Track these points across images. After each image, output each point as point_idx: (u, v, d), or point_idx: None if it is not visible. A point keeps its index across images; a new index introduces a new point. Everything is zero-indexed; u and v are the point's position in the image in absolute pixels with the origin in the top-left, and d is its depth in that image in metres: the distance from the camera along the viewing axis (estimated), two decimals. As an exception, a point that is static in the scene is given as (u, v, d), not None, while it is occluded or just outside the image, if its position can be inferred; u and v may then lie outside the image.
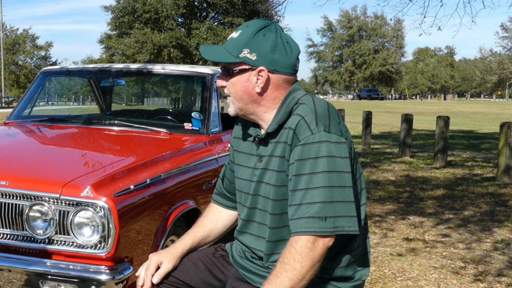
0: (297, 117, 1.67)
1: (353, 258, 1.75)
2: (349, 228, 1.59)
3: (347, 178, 1.61)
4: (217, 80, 1.82)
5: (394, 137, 14.63)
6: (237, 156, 1.91)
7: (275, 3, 34.13)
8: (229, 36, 1.79)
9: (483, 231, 5.00)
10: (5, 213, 2.45)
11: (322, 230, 1.57)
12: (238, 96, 1.76)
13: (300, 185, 1.60)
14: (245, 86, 1.73)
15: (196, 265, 1.93)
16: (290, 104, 1.72)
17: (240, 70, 1.73)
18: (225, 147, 3.72)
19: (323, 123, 1.63)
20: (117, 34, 37.12)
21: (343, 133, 1.65)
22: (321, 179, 1.58)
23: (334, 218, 1.57)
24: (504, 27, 45.53)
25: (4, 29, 52.05)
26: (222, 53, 1.74)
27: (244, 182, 1.84)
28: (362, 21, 77.89)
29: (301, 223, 1.58)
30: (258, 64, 1.71)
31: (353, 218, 1.60)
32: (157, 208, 2.70)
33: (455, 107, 43.14)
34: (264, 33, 1.71)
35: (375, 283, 3.68)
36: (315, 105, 1.68)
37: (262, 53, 1.70)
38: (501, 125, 7.84)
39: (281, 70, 1.73)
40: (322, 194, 1.57)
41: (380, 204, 6.14)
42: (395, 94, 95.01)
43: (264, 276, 1.75)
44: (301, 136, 1.63)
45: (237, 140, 1.94)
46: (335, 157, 1.60)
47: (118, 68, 4.34)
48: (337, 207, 1.58)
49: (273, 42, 1.71)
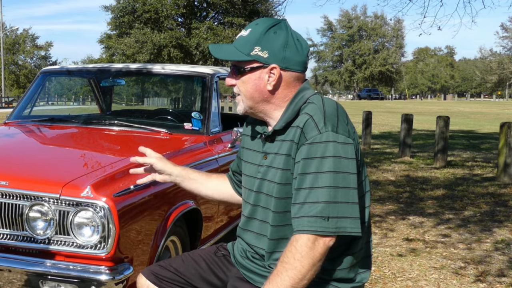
0: (306, 116, 1.67)
1: (355, 260, 1.75)
2: (352, 230, 1.59)
3: (352, 179, 1.60)
4: (226, 78, 1.81)
5: (394, 137, 14.62)
6: (244, 153, 1.91)
7: (275, 3, 34.17)
8: (239, 35, 1.78)
9: (483, 231, 5.00)
10: (5, 213, 2.44)
11: (324, 229, 1.56)
12: (248, 94, 1.75)
13: (305, 184, 1.60)
14: (257, 84, 1.73)
15: (198, 262, 1.94)
16: (299, 103, 1.71)
17: (251, 68, 1.72)
18: (225, 147, 3.72)
19: (331, 123, 1.63)
20: (117, 34, 37.11)
21: (351, 134, 1.65)
22: (326, 179, 1.58)
23: (337, 218, 1.57)
24: (504, 27, 45.55)
25: (4, 29, 52.04)
26: (232, 52, 1.74)
27: (249, 179, 1.84)
28: (362, 21, 77.85)
29: (303, 222, 1.58)
30: (270, 61, 1.70)
31: (356, 220, 1.60)
32: (157, 208, 2.70)
33: (455, 107, 43.14)
34: (275, 30, 1.71)
35: (375, 283, 3.68)
36: (324, 105, 1.68)
37: (273, 51, 1.70)
38: (501, 125, 7.83)
39: (293, 68, 1.73)
40: (326, 194, 1.57)
41: (380, 204, 6.14)
42: (395, 94, 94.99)
43: (265, 276, 1.75)
44: (309, 135, 1.63)
45: (245, 137, 1.94)
46: (342, 157, 1.59)
47: (118, 68, 4.33)
48: (341, 208, 1.58)
49: (284, 40, 1.71)
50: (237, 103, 1.80)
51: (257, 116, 1.81)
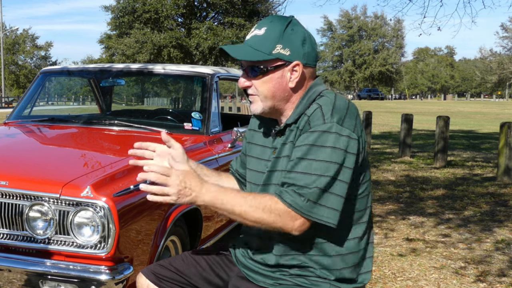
0: (315, 105, 1.68)
1: (358, 260, 1.75)
2: (327, 219, 1.60)
3: (346, 173, 1.60)
4: (240, 80, 1.76)
5: (394, 137, 14.62)
6: (250, 148, 1.90)
7: (275, 3, 34.11)
8: (252, 34, 1.73)
9: (483, 231, 4.99)
10: (5, 213, 2.44)
11: (299, 208, 1.58)
12: (270, 93, 1.72)
13: (298, 168, 1.61)
14: (279, 83, 1.71)
15: (198, 262, 1.93)
16: (312, 97, 1.72)
17: (275, 66, 1.70)
18: (225, 147, 3.72)
19: (339, 115, 1.62)
20: (117, 34, 37.07)
21: (357, 131, 1.64)
22: (320, 167, 1.58)
23: (316, 204, 1.58)
24: (504, 27, 45.49)
25: (4, 29, 52.03)
26: (250, 52, 1.69)
27: (255, 174, 1.83)
28: (362, 21, 77.83)
29: (288, 192, 1.60)
30: (292, 59, 1.69)
31: (336, 212, 1.60)
32: (157, 208, 2.69)
33: (455, 107, 43.14)
34: (292, 27, 1.70)
35: (375, 283, 3.67)
36: (335, 99, 1.69)
37: (294, 48, 1.69)
38: (501, 125, 7.83)
39: (311, 63, 1.74)
40: (317, 181, 1.58)
41: (380, 204, 6.13)
42: (395, 94, 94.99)
43: (268, 275, 1.75)
44: (313, 123, 1.64)
45: (252, 132, 1.93)
46: (341, 149, 1.59)
47: (118, 68, 4.33)
48: (325, 196, 1.59)
49: (302, 36, 1.71)
50: (251, 102, 1.76)
51: (272, 115, 1.79)
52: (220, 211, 1.63)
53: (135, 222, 2.51)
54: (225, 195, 1.62)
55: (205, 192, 1.61)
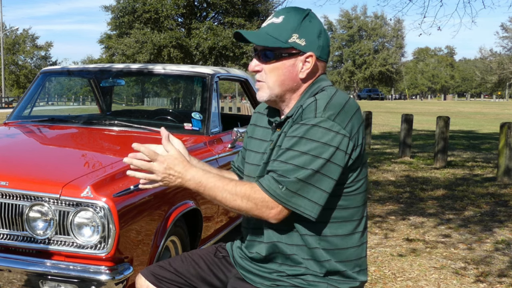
0: (312, 99, 1.68)
1: (349, 258, 1.74)
2: (305, 211, 1.60)
3: (333, 169, 1.60)
4: (251, 63, 1.77)
5: (394, 137, 14.62)
6: (250, 142, 1.91)
7: (275, 3, 34.12)
8: (269, 21, 1.75)
9: (483, 232, 4.99)
10: (5, 214, 2.44)
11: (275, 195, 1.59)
12: (279, 81, 1.73)
13: (282, 157, 1.62)
14: (290, 71, 1.72)
15: (197, 262, 1.93)
16: (315, 91, 1.72)
17: (289, 54, 1.70)
18: (225, 147, 3.72)
19: (332, 111, 1.62)
20: (117, 34, 37.07)
21: (349, 128, 1.63)
22: (304, 159, 1.59)
23: (295, 194, 1.59)
24: (504, 27, 45.47)
25: (4, 29, 52.03)
26: (267, 38, 1.70)
27: (252, 167, 1.83)
28: (362, 21, 77.84)
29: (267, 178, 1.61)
30: (307, 49, 1.70)
31: (317, 206, 1.60)
32: (157, 208, 2.69)
33: (455, 107, 43.14)
34: (309, 19, 1.72)
35: (375, 283, 3.67)
36: (334, 95, 1.69)
37: (310, 39, 1.70)
38: (501, 126, 7.83)
39: (324, 57, 1.75)
40: (298, 171, 1.58)
41: (380, 204, 6.13)
42: (395, 94, 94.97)
43: (265, 277, 1.75)
44: (305, 116, 1.64)
45: (253, 127, 1.93)
46: (329, 145, 1.59)
47: (118, 68, 4.33)
48: (306, 188, 1.59)
49: (319, 29, 1.72)
50: (259, 89, 1.76)
51: (277, 105, 1.79)
52: (204, 196, 1.67)
53: (135, 222, 2.51)
54: (208, 181, 1.64)
55: (190, 178, 1.64)
